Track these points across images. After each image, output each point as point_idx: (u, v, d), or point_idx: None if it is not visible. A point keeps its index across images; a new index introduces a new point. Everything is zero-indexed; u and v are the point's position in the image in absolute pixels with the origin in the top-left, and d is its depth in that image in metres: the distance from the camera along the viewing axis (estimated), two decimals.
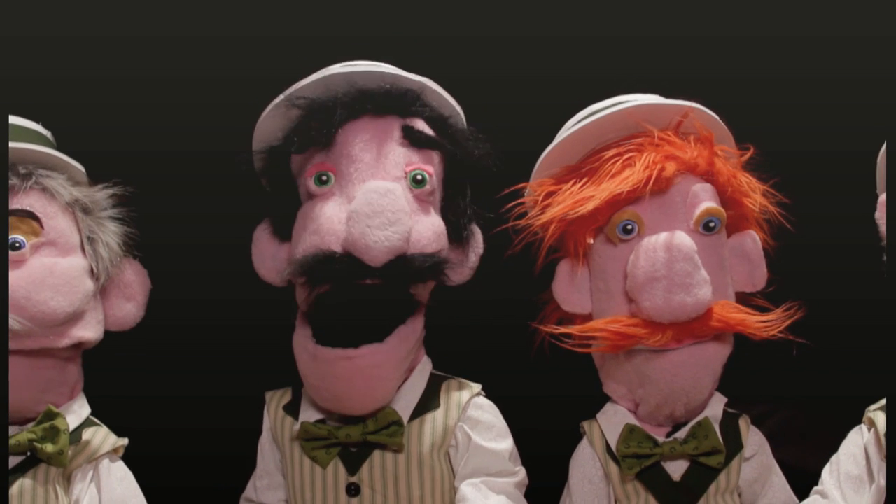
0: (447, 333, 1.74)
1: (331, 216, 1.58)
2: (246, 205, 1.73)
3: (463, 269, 1.70)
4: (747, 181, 1.69)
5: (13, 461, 1.60)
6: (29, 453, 1.61)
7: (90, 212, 1.66)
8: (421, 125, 1.66)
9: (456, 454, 1.67)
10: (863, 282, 1.78)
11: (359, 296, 1.58)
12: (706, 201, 1.65)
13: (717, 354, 1.65)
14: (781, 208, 1.71)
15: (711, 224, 1.65)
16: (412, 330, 1.63)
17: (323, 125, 1.61)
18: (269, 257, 1.68)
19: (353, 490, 1.64)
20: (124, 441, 1.66)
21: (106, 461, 1.66)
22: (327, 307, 1.59)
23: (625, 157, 1.65)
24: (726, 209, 1.67)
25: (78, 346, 1.63)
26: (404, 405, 1.66)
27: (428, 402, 1.68)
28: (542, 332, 1.69)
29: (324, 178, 1.62)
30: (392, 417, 1.63)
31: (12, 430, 1.61)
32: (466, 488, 1.63)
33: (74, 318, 1.61)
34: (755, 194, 1.69)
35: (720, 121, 1.68)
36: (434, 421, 1.66)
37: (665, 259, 1.58)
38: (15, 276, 1.56)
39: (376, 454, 1.64)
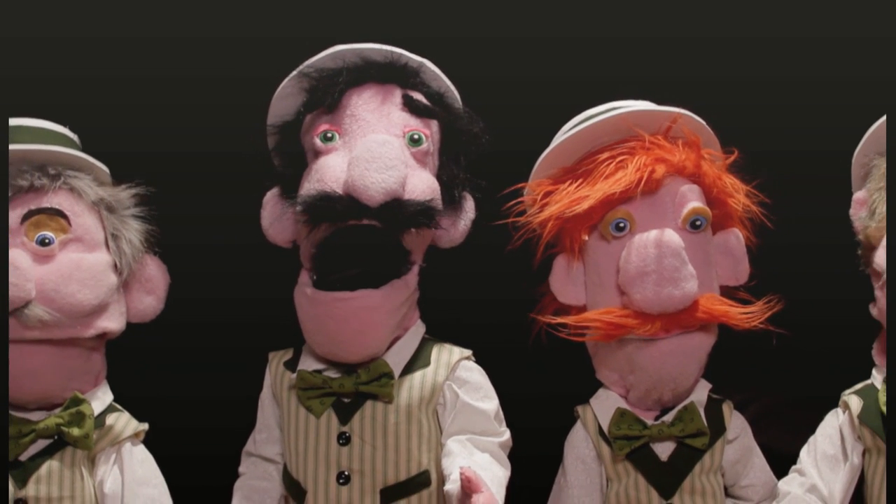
0: (449, 327, 1.78)
1: (333, 165, 1.65)
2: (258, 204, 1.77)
3: (454, 231, 1.75)
4: (731, 182, 1.74)
5: (41, 444, 1.65)
6: (56, 437, 1.65)
7: (114, 210, 1.71)
8: (420, 97, 1.73)
9: (444, 412, 1.73)
10: (838, 277, 1.82)
11: (356, 239, 1.63)
12: (693, 201, 1.71)
13: (702, 344, 1.71)
14: (763, 208, 1.75)
15: (698, 222, 1.71)
16: (405, 284, 1.69)
17: (330, 86, 1.69)
18: (278, 218, 1.73)
19: (344, 439, 1.69)
20: (145, 426, 1.71)
21: (128, 445, 1.71)
22: (327, 249, 1.65)
23: (617, 159, 1.71)
24: (712, 209, 1.73)
25: (102, 336, 1.68)
26: (396, 360, 1.72)
27: (419, 359, 1.74)
28: (539, 322, 1.74)
29: (329, 135, 1.68)
30: (384, 369, 1.70)
31: (40, 415, 1.66)
32: (452, 444, 1.69)
33: (99, 309, 1.66)
34: (739, 195, 1.74)
35: (706, 126, 1.74)
36: (423, 377, 1.72)
37: (655, 255, 1.64)
38: (45, 271, 1.61)
39: (367, 406, 1.70)
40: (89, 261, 1.67)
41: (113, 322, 1.69)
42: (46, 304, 1.60)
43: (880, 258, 1.68)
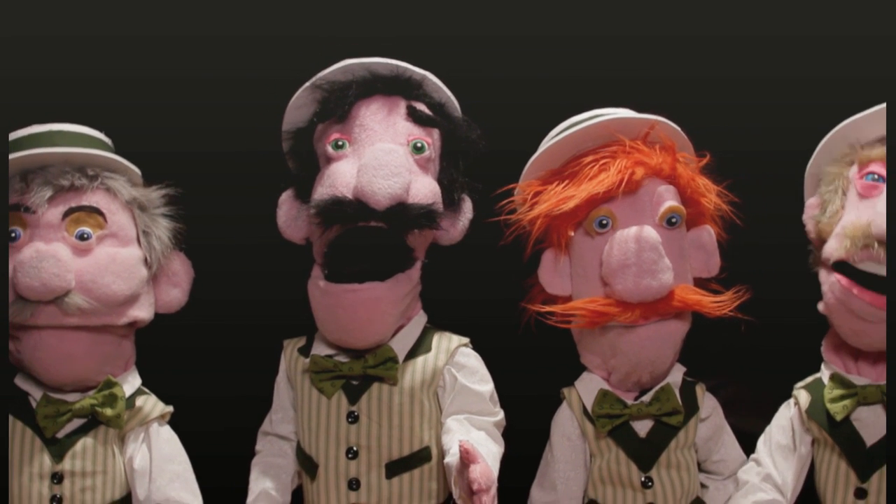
0: (449, 316, 1.86)
1: (344, 171, 1.72)
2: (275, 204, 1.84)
3: (454, 230, 1.82)
4: (704, 183, 1.81)
5: (77, 423, 1.73)
6: (90, 416, 1.73)
7: (145, 209, 1.78)
8: (423, 107, 1.80)
9: (443, 394, 1.80)
10: (800, 271, 1.88)
11: (364, 239, 1.71)
12: (669, 200, 1.77)
13: (677, 330, 1.79)
14: (732, 206, 1.82)
15: (673, 220, 1.78)
16: (408, 277, 1.77)
17: (341, 98, 1.77)
18: (293, 217, 1.80)
19: (352, 418, 1.77)
20: (170, 408, 1.80)
21: (155, 425, 1.78)
22: (338, 247, 1.72)
23: (601, 162, 1.77)
24: (686, 207, 1.80)
25: (133, 324, 1.76)
26: (400, 346, 1.80)
27: (421, 346, 1.81)
28: (529, 311, 1.81)
29: (340, 143, 1.76)
30: (389, 354, 1.77)
31: (76, 396, 1.74)
32: (451, 422, 1.76)
33: (131, 300, 1.73)
34: (710, 194, 1.81)
35: (681, 132, 1.81)
36: (425, 362, 1.80)
37: (635, 249, 1.70)
38: (83, 263, 1.69)
39: (374, 387, 1.78)
40: (123, 255, 1.74)
41: (143, 311, 1.76)
42: (85, 293, 1.68)
43: (829, 248, 1.74)
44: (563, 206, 1.76)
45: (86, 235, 1.72)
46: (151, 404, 1.79)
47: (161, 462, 1.77)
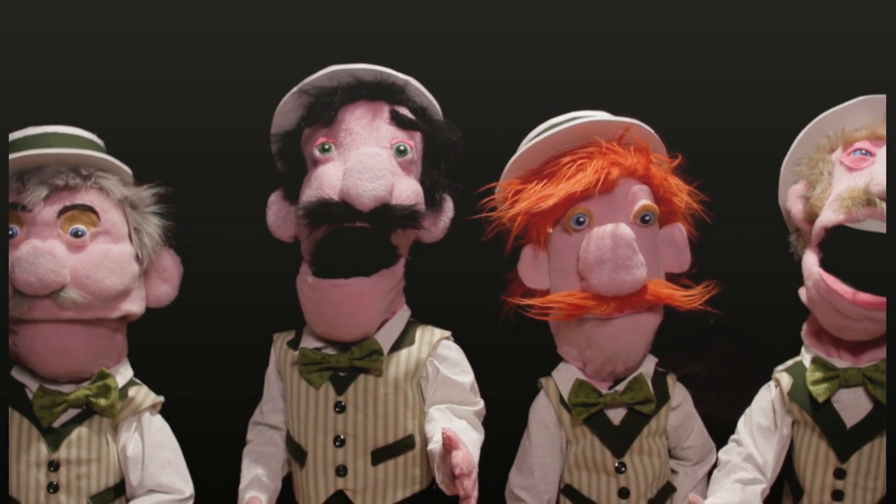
0: (431, 311, 1.90)
1: (330, 174, 1.76)
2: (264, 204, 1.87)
3: (436, 229, 1.87)
4: (676, 183, 1.86)
5: (71, 413, 1.77)
6: (84, 406, 1.77)
7: (136, 207, 1.82)
8: (405, 111, 1.84)
9: (426, 384, 1.84)
10: (769, 264, 1.95)
11: (350, 239, 1.75)
12: (643, 199, 1.83)
13: (650, 323, 1.83)
14: (702, 205, 1.87)
15: (647, 218, 1.83)
16: (392, 273, 1.81)
17: (327, 104, 1.81)
18: (282, 217, 1.85)
19: (339, 407, 1.81)
20: (161, 398, 1.84)
21: (147, 414, 1.83)
22: (326, 247, 1.77)
23: (578, 162, 1.82)
24: (659, 206, 1.85)
25: (125, 318, 1.80)
26: (385, 339, 1.84)
27: (405, 339, 1.86)
28: (509, 304, 1.86)
29: (326, 147, 1.80)
30: (374, 346, 1.82)
31: (70, 387, 1.78)
32: (434, 411, 1.81)
33: (123, 294, 1.77)
34: (682, 194, 1.86)
35: (655, 134, 1.86)
36: (409, 354, 1.84)
37: (611, 245, 1.75)
38: (78, 259, 1.73)
39: (360, 378, 1.83)
40: (116, 251, 1.78)
41: (135, 305, 1.80)
42: (79, 288, 1.72)
43: (824, 217, 1.76)
44: (542, 205, 1.81)
45: (80, 233, 1.76)
46: (143, 394, 1.83)
47: (153, 449, 1.81)
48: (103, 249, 1.77)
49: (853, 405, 1.79)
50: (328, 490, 1.83)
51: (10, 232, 1.74)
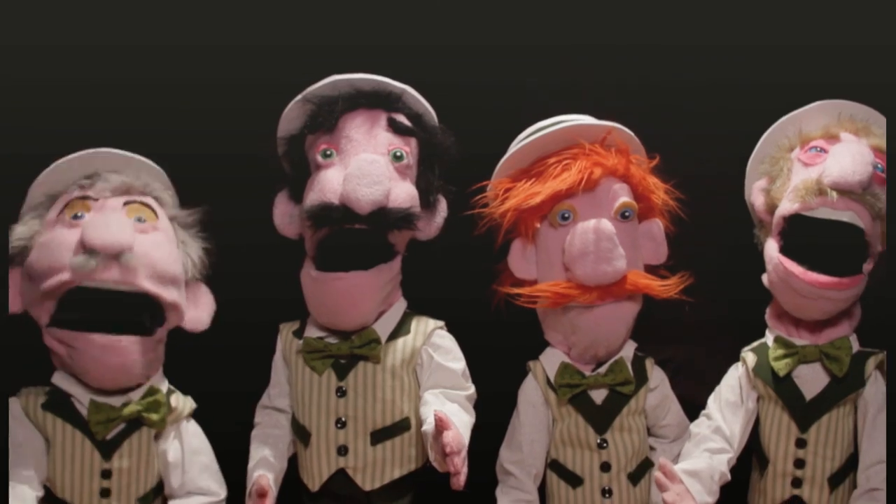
0: (426, 303, 1.96)
1: (331, 179, 1.83)
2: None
3: (430, 228, 1.93)
4: (653, 182, 1.92)
5: (121, 425, 1.82)
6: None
7: (183, 227, 1.90)
8: (402, 119, 1.90)
9: (421, 371, 1.91)
10: (738, 257, 2.03)
11: (350, 240, 1.82)
12: (623, 197, 1.89)
13: (630, 311, 1.91)
14: (678, 202, 1.95)
15: (627, 213, 1.89)
16: (389, 267, 1.88)
17: (329, 113, 1.88)
18: (287, 215, 1.92)
19: (341, 392, 1.89)
20: (194, 404, 1.90)
21: (184, 422, 1.90)
22: (327, 247, 1.84)
23: (563, 163, 1.88)
24: (637, 203, 1.91)
25: (174, 318, 1.86)
26: (383, 329, 1.91)
27: (401, 328, 1.92)
28: (500, 294, 1.94)
29: (328, 153, 1.86)
30: (373, 336, 1.89)
31: (119, 399, 1.83)
32: (428, 396, 1.88)
33: (179, 289, 1.84)
34: (659, 192, 1.93)
35: (634, 136, 1.93)
36: (405, 343, 1.91)
37: (594, 239, 1.83)
38: (141, 237, 1.79)
39: (360, 365, 1.89)
40: (171, 246, 1.86)
41: (186, 310, 1.87)
42: (142, 257, 1.78)
43: (782, 208, 1.87)
44: (530, 202, 1.88)
45: (143, 219, 1.84)
46: (182, 403, 1.89)
47: (191, 455, 1.88)
48: (162, 239, 1.85)
49: (811, 379, 1.91)
50: (330, 468, 1.90)
51: (77, 215, 1.80)
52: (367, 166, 1.81)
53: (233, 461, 1.94)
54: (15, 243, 1.82)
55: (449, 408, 1.84)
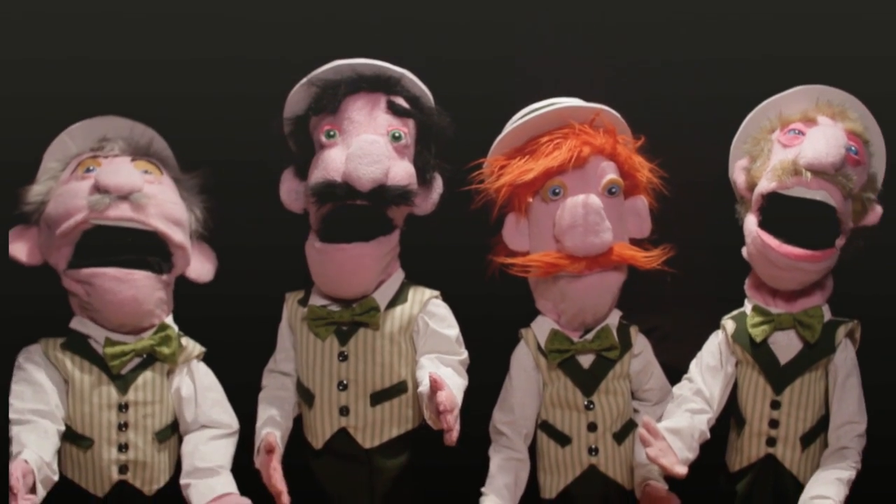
0: (422, 274, 2.04)
1: (334, 158, 1.91)
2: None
3: (427, 203, 2.01)
4: (639, 161, 2.00)
5: (135, 361, 1.94)
6: (145, 356, 1.95)
7: (187, 190, 1.99)
8: (400, 101, 1.97)
9: (417, 337, 1.99)
10: (719, 231, 2.11)
11: (352, 215, 1.91)
12: (610, 174, 1.97)
13: (615, 281, 1.99)
14: (663, 180, 2.02)
15: (613, 189, 1.97)
16: (388, 239, 1.96)
17: (332, 96, 1.96)
18: (293, 192, 2.00)
19: (342, 357, 1.97)
20: (204, 348, 2.00)
21: (195, 361, 1.99)
22: (330, 221, 1.93)
23: (555, 142, 1.96)
24: (624, 180, 1.99)
25: (181, 264, 1.97)
26: (382, 297, 1.99)
27: (399, 297, 2.00)
28: (494, 264, 2.01)
29: (331, 133, 1.94)
30: (372, 304, 1.97)
31: (132, 338, 1.94)
32: (424, 360, 1.96)
33: (184, 234, 1.93)
34: (644, 170, 2.01)
35: (621, 118, 2.01)
36: (402, 310, 1.99)
37: (582, 213, 1.91)
38: (149, 185, 1.90)
39: (360, 331, 1.97)
40: (177, 195, 1.95)
41: (190, 258, 1.96)
42: (151, 198, 1.88)
43: (761, 186, 1.96)
44: (523, 177, 1.96)
45: (149, 172, 1.95)
46: (192, 344, 1.99)
47: (203, 391, 1.97)
48: (167, 188, 1.95)
49: (786, 345, 2.01)
50: (333, 427, 1.99)
51: (89, 169, 1.91)
52: (368, 146, 1.89)
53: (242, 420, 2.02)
54: (33, 199, 1.93)
55: (443, 371, 1.92)
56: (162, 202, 1.92)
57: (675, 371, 2.10)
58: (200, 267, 2.02)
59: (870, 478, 1.98)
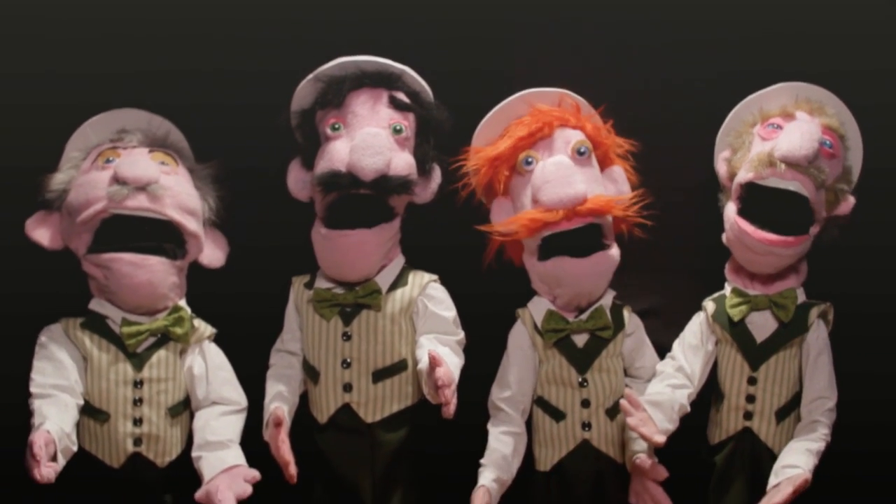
0: (422, 259, 2.12)
1: (339, 149, 2.00)
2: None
3: (426, 192, 2.10)
4: (606, 130, 2.10)
5: (150, 340, 2.01)
6: (160, 335, 2.02)
7: (201, 179, 2.10)
8: (401, 96, 2.07)
9: (417, 318, 2.07)
10: (704, 220, 2.18)
11: (355, 203, 1.99)
12: (577, 137, 2.07)
13: (609, 265, 2.06)
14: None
15: (582, 149, 2.06)
16: (391, 227, 2.05)
17: (338, 91, 2.06)
18: (300, 181, 2.09)
19: (346, 336, 2.05)
20: (215, 330, 2.09)
21: (206, 341, 2.08)
22: (335, 209, 2.01)
23: (524, 122, 2.07)
24: (595, 149, 2.08)
25: (194, 250, 2.05)
26: (384, 281, 2.07)
27: (400, 281, 2.09)
28: (490, 243, 2.09)
29: (336, 126, 2.04)
30: (375, 287, 2.06)
31: (147, 319, 2.01)
32: (423, 339, 2.03)
33: (197, 223, 2.01)
34: (612, 137, 2.11)
35: (586, 102, 2.10)
36: (403, 293, 2.07)
37: (553, 169, 2.00)
38: (165, 177, 1.99)
39: (363, 313, 2.05)
40: (191, 186, 2.06)
41: (205, 245, 2.05)
42: (167, 190, 1.98)
43: (740, 176, 2.04)
44: (497, 147, 2.07)
45: (166, 163, 2.05)
46: (204, 325, 2.09)
47: (214, 369, 2.05)
48: (183, 179, 2.05)
49: (762, 325, 2.09)
50: (337, 403, 2.07)
51: (110, 159, 2.01)
52: (371, 139, 1.98)
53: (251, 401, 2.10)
54: (55, 187, 2.04)
55: (441, 350, 2.00)
56: (177, 193, 2.01)
57: (663, 350, 2.17)
58: (212, 253, 2.11)
59: (842, 462, 2.06)
